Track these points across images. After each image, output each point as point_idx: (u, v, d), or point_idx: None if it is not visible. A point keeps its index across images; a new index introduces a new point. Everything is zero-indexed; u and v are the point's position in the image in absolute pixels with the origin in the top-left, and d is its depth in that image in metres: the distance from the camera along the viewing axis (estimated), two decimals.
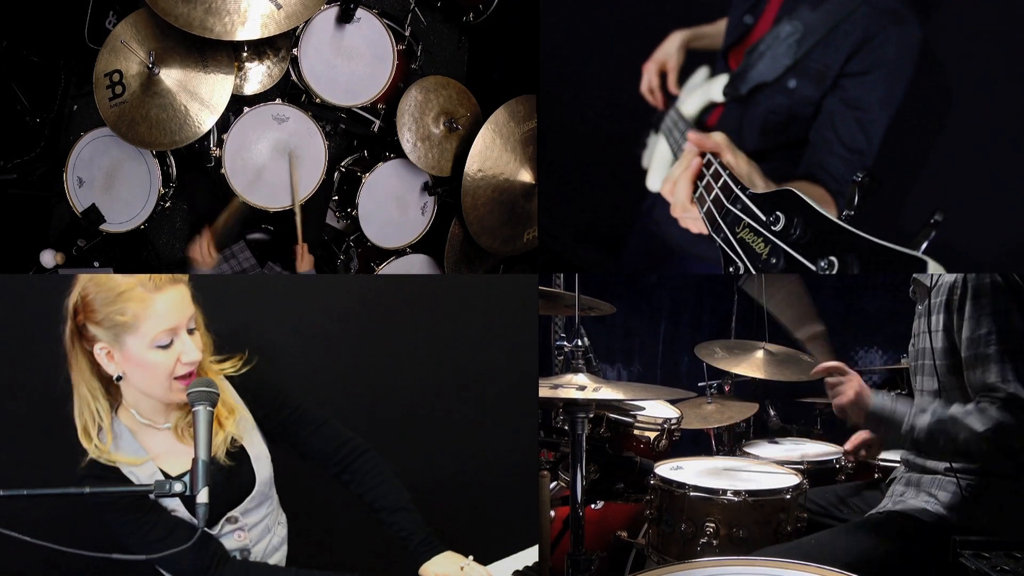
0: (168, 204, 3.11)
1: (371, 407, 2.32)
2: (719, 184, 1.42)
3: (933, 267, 1.02)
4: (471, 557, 1.77)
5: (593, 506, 2.74)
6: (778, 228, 1.21)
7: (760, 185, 1.45)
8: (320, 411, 1.87)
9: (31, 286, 2.24)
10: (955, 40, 2.17)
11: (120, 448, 1.64)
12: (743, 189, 1.34)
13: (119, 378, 1.60)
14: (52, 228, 3.08)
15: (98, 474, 1.61)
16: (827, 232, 1.13)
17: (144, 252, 3.12)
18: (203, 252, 2.80)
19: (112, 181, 2.89)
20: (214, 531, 1.71)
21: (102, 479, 1.61)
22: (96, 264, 2.93)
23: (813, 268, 1.11)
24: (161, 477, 1.65)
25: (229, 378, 1.76)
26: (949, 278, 1.85)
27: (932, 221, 1.09)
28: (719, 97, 2.19)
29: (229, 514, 1.72)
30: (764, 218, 1.25)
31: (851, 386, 1.82)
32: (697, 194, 1.50)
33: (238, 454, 1.72)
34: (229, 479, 1.71)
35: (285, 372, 1.88)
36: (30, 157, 2.93)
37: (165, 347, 1.56)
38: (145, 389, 1.63)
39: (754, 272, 1.24)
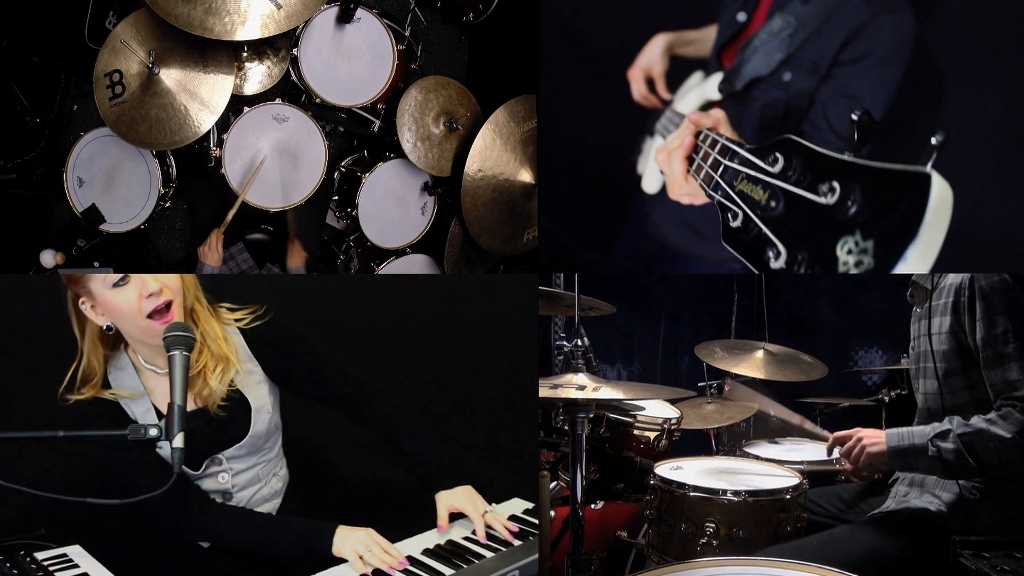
0: (168, 204, 3.11)
1: None
2: (716, 149, 1.44)
3: (937, 181, 1.00)
4: (494, 505, 1.80)
5: (593, 506, 2.73)
6: (776, 169, 1.22)
7: None
8: (338, 356, 1.92)
9: (31, 286, 2.24)
10: (950, 34, 2.15)
11: (121, 382, 1.73)
12: (740, 145, 1.36)
13: (109, 328, 1.67)
14: (52, 228, 3.08)
15: (98, 409, 1.68)
16: (828, 168, 1.13)
17: (144, 252, 3.12)
18: (213, 249, 2.85)
19: (112, 181, 2.88)
20: (198, 472, 1.75)
21: (101, 414, 1.68)
22: (96, 264, 2.93)
23: (814, 198, 1.11)
24: (154, 413, 1.73)
25: (243, 332, 1.80)
26: (954, 280, 1.84)
27: (932, 143, 1.07)
28: (715, 95, 2.18)
29: (214, 456, 1.77)
30: (761, 164, 1.26)
31: (860, 443, 1.83)
32: (694, 166, 1.52)
33: (234, 405, 1.77)
34: (220, 427, 1.76)
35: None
36: (30, 157, 2.93)
37: (120, 284, 1.61)
38: (126, 330, 1.68)
39: (755, 219, 1.23)
